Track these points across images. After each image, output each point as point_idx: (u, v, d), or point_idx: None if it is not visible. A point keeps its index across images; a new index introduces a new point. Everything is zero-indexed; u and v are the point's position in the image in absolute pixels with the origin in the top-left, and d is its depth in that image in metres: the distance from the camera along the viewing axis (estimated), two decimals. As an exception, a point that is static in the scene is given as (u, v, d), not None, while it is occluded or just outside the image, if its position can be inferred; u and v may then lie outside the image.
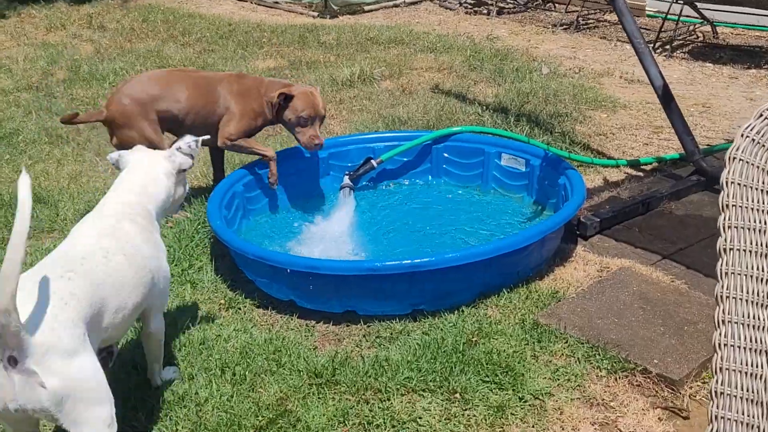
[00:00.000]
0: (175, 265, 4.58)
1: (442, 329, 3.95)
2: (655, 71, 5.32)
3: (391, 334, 3.97)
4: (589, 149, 5.96)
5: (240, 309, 4.26)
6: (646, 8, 10.10)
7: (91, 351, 2.75)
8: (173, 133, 5.08)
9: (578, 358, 3.72)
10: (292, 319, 4.16)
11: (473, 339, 3.84)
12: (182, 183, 3.61)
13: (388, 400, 3.53)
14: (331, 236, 4.96)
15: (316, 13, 10.76)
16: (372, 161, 5.42)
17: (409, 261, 3.96)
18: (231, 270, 4.58)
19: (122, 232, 3.19)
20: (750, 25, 9.13)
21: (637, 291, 4.14)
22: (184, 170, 3.56)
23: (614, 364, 3.65)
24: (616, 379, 3.60)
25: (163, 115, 4.95)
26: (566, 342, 3.81)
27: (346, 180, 5.37)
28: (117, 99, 4.93)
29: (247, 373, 3.68)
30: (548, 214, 4.97)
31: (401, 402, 3.50)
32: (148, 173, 3.45)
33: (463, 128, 5.57)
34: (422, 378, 3.61)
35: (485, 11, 10.66)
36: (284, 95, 4.88)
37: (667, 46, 8.60)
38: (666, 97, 5.31)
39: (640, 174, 5.59)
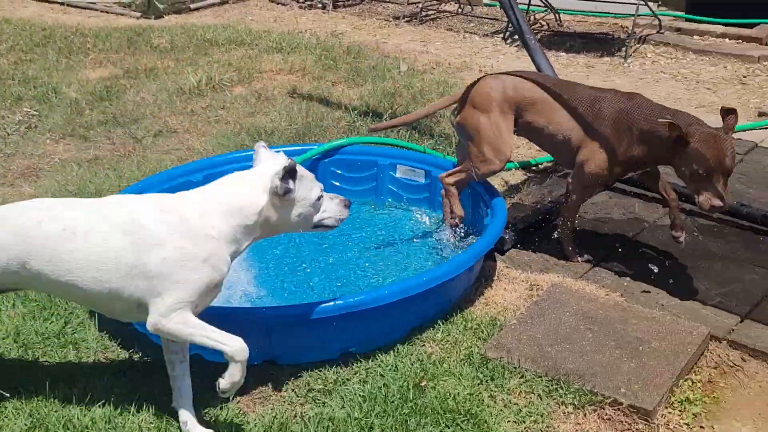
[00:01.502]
0: (51, 323, 3.90)
1: (382, 375, 3.51)
2: (546, 65, 5.09)
3: (324, 385, 3.49)
4: (475, 152, 5.66)
5: (139, 371, 3.64)
6: (484, -3, 10.00)
7: None
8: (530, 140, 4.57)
9: (539, 395, 3.39)
10: (203, 377, 3.59)
11: (420, 383, 3.43)
12: (287, 208, 3.16)
13: (345, 469, 3.07)
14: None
15: (138, 14, 9.93)
16: (255, 182, 4.88)
17: (342, 302, 3.49)
18: (116, 322, 3.93)
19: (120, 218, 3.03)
20: (589, 12, 9.19)
21: (577, 310, 3.86)
22: (280, 195, 3.11)
23: (580, 398, 3.34)
24: (585, 415, 3.30)
25: (527, 122, 4.32)
26: (522, 377, 3.47)
27: (228, 205, 4.79)
28: (489, 83, 4.37)
29: (171, 456, 3.12)
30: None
31: (361, 471, 3.06)
32: (237, 188, 3.15)
33: (352, 139, 5.13)
34: (377, 437, 3.17)
35: (320, 5, 10.21)
36: (679, 137, 3.75)
37: (516, 36, 8.47)
38: (560, 95, 5.08)
39: (535, 176, 5.36)
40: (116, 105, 6.66)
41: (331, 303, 3.49)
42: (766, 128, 5.90)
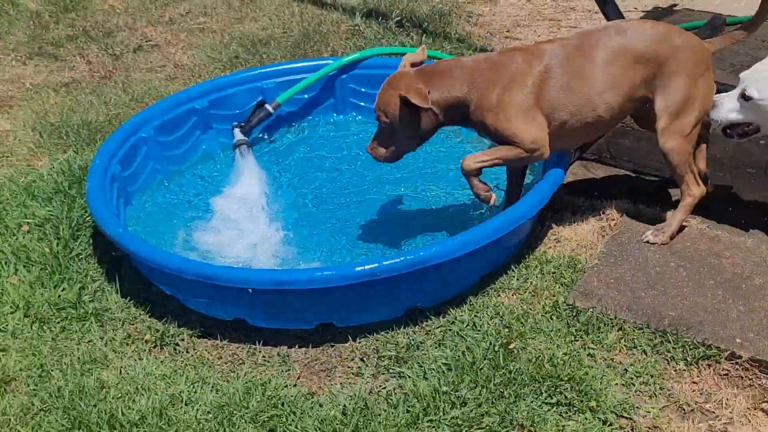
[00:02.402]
0: (63, 290, 3.39)
1: (460, 335, 3.09)
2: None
3: (397, 352, 3.06)
4: (497, 55, 5.12)
5: (179, 345, 3.17)
6: None
7: None
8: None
9: (644, 351, 3.00)
10: (256, 349, 3.14)
11: (509, 345, 3.02)
12: None
13: (445, 455, 2.68)
14: (242, 213, 3.92)
15: None
16: (266, 106, 4.33)
17: (412, 257, 3.03)
18: (140, 284, 3.44)
19: None
20: None
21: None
22: None
23: (692, 352, 2.95)
24: (699, 371, 2.93)
25: None
26: (621, 330, 3.07)
27: (238, 134, 4.26)
28: None
29: (240, 454, 2.68)
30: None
31: (464, 457, 2.66)
32: None
33: (371, 51, 4.55)
34: (473, 414, 2.76)
35: None
36: None
37: None
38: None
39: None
40: (84, 16, 5.94)
41: (405, 259, 3.03)
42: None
